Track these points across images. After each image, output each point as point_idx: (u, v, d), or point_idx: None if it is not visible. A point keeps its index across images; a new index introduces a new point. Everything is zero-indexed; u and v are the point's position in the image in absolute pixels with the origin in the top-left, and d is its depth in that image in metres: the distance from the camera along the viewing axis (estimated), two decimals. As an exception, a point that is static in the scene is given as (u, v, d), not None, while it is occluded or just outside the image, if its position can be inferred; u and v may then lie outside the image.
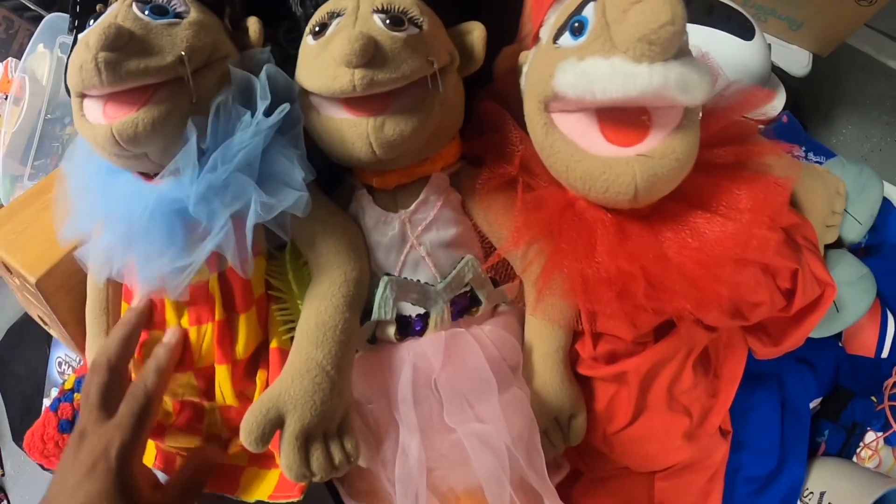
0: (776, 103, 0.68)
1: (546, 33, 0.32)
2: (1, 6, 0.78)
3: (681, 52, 0.27)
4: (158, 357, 0.33)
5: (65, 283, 0.42)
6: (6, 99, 0.73)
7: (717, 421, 0.41)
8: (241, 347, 0.35)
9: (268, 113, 0.31)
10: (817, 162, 0.53)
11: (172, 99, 0.30)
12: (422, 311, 0.35)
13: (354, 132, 0.30)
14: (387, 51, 0.29)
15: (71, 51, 0.51)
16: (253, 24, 0.36)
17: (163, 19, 0.31)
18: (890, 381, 0.52)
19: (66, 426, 0.45)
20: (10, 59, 0.76)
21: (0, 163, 0.71)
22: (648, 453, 0.40)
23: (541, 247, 0.33)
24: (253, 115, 0.31)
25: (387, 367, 0.35)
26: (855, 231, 0.47)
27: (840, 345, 0.51)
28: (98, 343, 0.40)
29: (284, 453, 0.30)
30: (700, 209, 0.32)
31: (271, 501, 0.35)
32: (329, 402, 0.30)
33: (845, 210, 0.47)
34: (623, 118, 0.29)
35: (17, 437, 0.84)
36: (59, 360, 0.58)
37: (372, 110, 0.30)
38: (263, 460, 0.38)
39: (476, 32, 0.35)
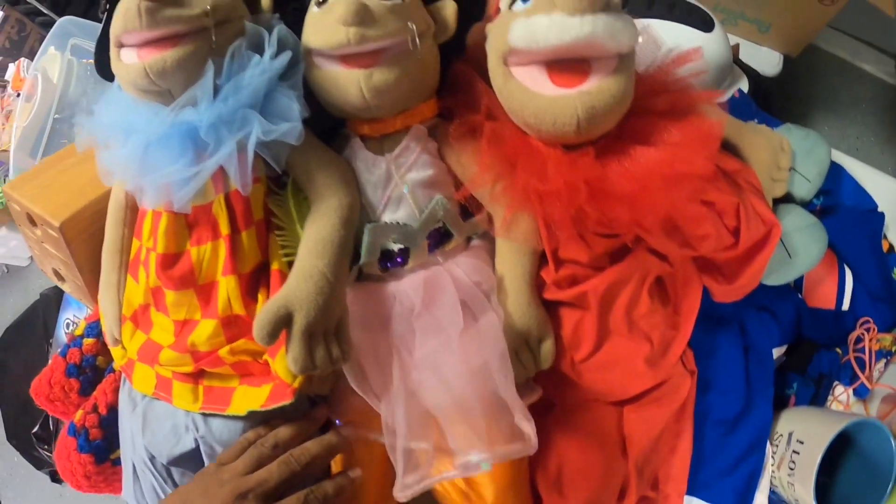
0: (740, 86, 0.77)
1: (504, 3, 0.42)
2: (14, 10, 0.89)
3: (608, 6, 0.36)
4: (343, 487, 0.39)
5: (85, 229, 0.50)
6: (18, 96, 0.83)
7: (679, 351, 0.48)
8: (245, 261, 0.43)
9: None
10: (768, 131, 0.61)
11: (195, 42, 0.39)
12: (403, 246, 0.43)
13: (349, 80, 0.40)
14: (375, 14, 0.39)
15: (99, 42, 0.61)
16: None
17: None
18: (854, 334, 0.59)
19: (73, 370, 0.51)
20: (22, 59, 0.87)
21: (11, 155, 0.80)
22: (614, 380, 0.47)
23: (503, 178, 0.41)
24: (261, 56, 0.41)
25: (374, 302, 0.44)
26: (804, 188, 0.55)
27: (801, 297, 0.58)
28: (112, 278, 0.47)
29: (292, 347, 0.37)
30: (640, 144, 0.41)
31: (264, 409, 0.42)
32: (329, 303, 0.38)
33: (793, 169, 0.55)
34: (567, 66, 0.38)
35: (11, 437, 0.88)
36: (67, 321, 0.65)
37: (363, 64, 0.40)
38: (253, 379, 0.44)
39: (448, 8, 0.45)
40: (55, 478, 0.84)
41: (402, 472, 0.40)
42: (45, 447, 0.81)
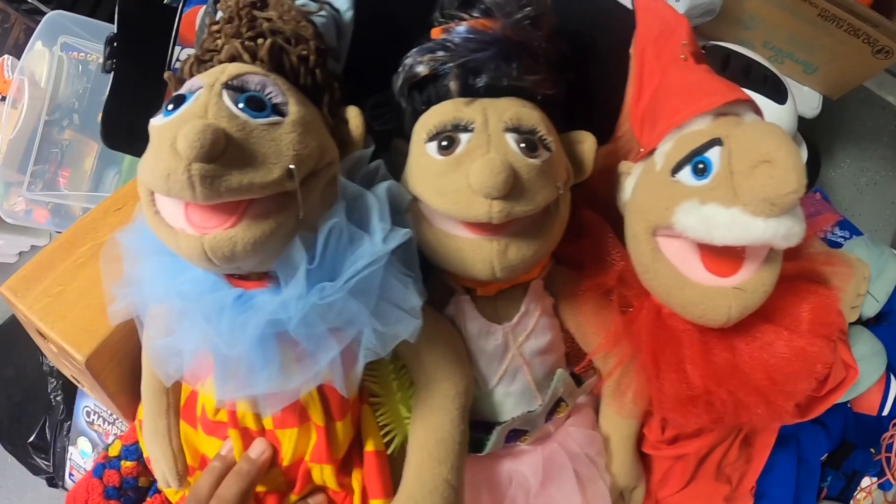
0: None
1: (661, 160, 0.34)
2: (-6, -1, 0.72)
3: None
4: None
5: (114, 356, 0.39)
6: (3, 100, 0.69)
7: (751, 483, 0.48)
8: (339, 449, 0.35)
9: None
10: (842, 237, 0.59)
11: (276, 215, 0.26)
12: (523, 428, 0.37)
13: (477, 255, 0.31)
14: (524, 180, 0.30)
15: (106, 108, 0.45)
16: (354, 116, 0.33)
17: (262, 117, 0.27)
18: (888, 435, 0.60)
19: (113, 493, 0.45)
20: (6, 56, 0.72)
21: (-2, 171, 0.68)
22: (691, 512, 0.46)
23: (628, 355, 0.36)
24: (369, 235, 0.29)
25: (488, 478, 0.38)
26: (872, 308, 0.54)
27: (848, 405, 0.58)
28: (160, 425, 0.38)
29: None
30: (769, 323, 0.37)
31: None
32: None
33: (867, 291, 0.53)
34: (722, 249, 0.32)
35: (6, 443, 0.83)
36: (86, 409, 0.56)
37: (496, 232, 0.31)
38: None
39: (587, 144, 0.35)
40: (52, 483, 0.81)
41: None
42: (43, 456, 0.76)
